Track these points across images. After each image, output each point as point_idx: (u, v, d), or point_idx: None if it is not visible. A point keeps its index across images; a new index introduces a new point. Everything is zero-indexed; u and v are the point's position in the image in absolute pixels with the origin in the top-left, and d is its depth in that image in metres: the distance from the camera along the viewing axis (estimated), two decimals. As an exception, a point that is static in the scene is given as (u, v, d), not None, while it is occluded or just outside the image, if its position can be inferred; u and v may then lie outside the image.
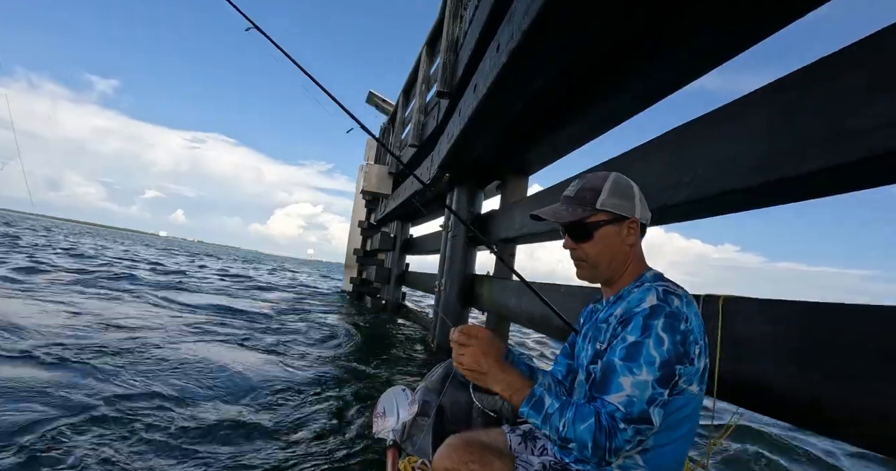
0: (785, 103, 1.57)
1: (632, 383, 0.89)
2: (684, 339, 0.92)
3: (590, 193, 1.08)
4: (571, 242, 1.11)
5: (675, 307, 0.93)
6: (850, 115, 1.33)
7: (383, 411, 1.77)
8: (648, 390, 0.89)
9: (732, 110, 1.81)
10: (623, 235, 1.08)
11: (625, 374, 0.90)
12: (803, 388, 1.37)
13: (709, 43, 2.26)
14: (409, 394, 1.83)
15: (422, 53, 6.37)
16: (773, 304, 1.52)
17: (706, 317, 1.66)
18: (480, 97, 2.91)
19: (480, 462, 1.03)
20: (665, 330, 0.91)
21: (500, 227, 4.43)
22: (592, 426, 0.88)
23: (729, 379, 1.55)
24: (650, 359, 0.89)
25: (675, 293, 0.97)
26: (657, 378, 0.89)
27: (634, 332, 0.93)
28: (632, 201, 1.09)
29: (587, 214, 1.07)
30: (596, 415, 0.89)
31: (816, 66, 1.48)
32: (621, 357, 0.92)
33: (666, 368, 0.89)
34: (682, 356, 0.91)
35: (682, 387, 0.94)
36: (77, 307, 5.42)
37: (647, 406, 0.88)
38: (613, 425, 0.88)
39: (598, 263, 1.09)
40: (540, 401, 0.95)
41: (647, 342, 0.91)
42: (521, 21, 2.19)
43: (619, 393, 0.89)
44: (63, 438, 2.13)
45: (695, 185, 1.93)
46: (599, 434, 0.87)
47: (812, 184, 1.54)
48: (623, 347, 0.93)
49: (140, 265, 13.72)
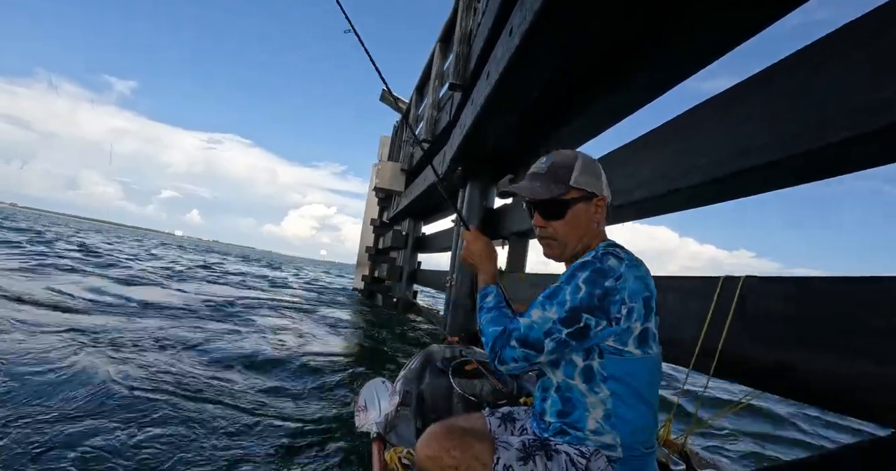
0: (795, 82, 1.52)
1: (539, 315, 1.01)
2: (604, 294, 0.97)
3: (562, 171, 1.12)
4: (542, 220, 1.15)
5: (606, 265, 1.00)
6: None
7: (364, 405, 1.75)
8: (549, 323, 0.99)
9: (740, 91, 1.77)
10: (591, 212, 1.13)
11: (537, 307, 1.02)
12: (825, 369, 1.31)
13: (730, 26, 2.21)
14: (388, 385, 1.81)
15: (435, 50, 6.39)
16: (797, 281, 1.47)
17: (723, 297, 1.62)
18: (493, 84, 2.89)
19: (461, 448, 1.04)
20: (586, 282, 0.98)
21: (514, 220, 4.40)
22: (497, 332, 1.06)
23: (747, 360, 1.50)
24: (562, 301, 0.99)
25: (615, 255, 1.03)
26: (560, 318, 0.98)
27: (562, 278, 1.04)
28: (600, 180, 1.14)
29: (562, 192, 1.11)
30: (504, 327, 1.06)
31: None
32: (544, 295, 1.03)
33: (572, 312, 0.98)
34: (594, 308, 0.97)
35: (612, 346, 1.00)
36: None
37: (543, 337, 1.00)
38: (508, 340, 1.03)
39: (567, 241, 1.13)
40: (485, 295, 1.19)
41: (565, 288, 1.00)
42: (532, 2, 2.16)
43: (527, 319, 1.02)
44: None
45: (708, 168, 1.89)
46: (499, 340, 1.05)
47: (832, 158, 1.49)
48: (549, 289, 1.04)
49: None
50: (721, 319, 1.55)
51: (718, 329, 1.56)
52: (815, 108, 1.44)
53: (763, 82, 1.68)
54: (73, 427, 2.01)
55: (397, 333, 6.10)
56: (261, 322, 5.59)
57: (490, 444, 1.05)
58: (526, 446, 1.04)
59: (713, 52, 2.35)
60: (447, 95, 5.62)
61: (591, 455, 1.00)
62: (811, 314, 1.39)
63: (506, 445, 1.05)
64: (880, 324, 1.20)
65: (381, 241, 11.42)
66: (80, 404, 2.28)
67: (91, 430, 2.00)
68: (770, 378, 1.46)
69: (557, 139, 3.96)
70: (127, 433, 2.02)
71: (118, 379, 2.66)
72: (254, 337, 4.59)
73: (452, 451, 1.03)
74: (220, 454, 1.97)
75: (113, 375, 2.71)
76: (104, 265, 9.77)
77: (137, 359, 3.16)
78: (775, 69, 1.63)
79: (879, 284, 1.23)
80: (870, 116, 1.27)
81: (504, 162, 4.87)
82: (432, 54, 6.59)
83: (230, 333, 4.66)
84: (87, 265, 9.09)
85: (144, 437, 2.02)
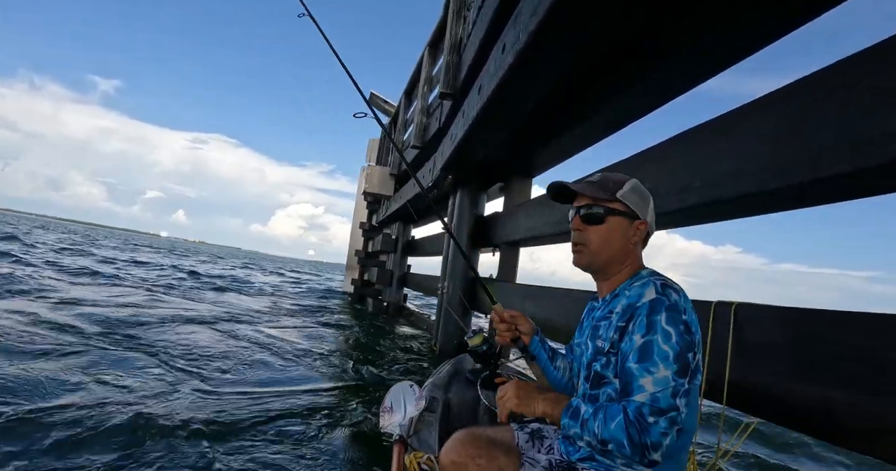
0: (796, 107, 1.54)
1: (653, 382, 0.90)
2: (687, 328, 0.94)
3: (612, 184, 1.11)
4: (580, 223, 1.13)
5: (673, 300, 0.96)
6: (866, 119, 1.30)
7: (390, 406, 1.76)
8: (671, 382, 0.90)
9: (742, 114, 1.79)
10: (630, 233, 1.11)
11: (643, 375, 0.91)
12: (816, 397, 1.34)
13: (719, 45, 2.24)
14: (416, 390, 1.81)
15: (424, 55, 6.36)
16: (785, 311, 1.49)
17: (718, 323, 1.64)
18: (485, 99, 2.88)
19: (487, 457, 1.03)
20: (669, 323, 0.93)
21: (505, 229, 4.40)
22: (623, 422, 0.89)
23: (740, 386, 1.52)
24: (663, 354, 0.91)
25: (673, 287, 1.00)
26: (675, 371, 0.90)
27: (640, 330, 0.95)
28: (647, 206, 1.13)
29: (606, 198, 1.10)
30: (623, 411, 0.90)
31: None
32: (635, 360, 0.93)
33: (680, 359, 0.91)
34: (690, 345, 0.93)
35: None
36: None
37: (673, 399, 0.89)
38: (643, 420, 0.88)
39: (598, 252, 1.10)
40: (577, 410, 0.97)
41: (655, 339, 0.92)
42: (527, 22, 2.16)
43: (642, 393, 0.90)
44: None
45: (703, 190, 1.91)
46: (631, 429, 0.88)
47: (827, 188, 1.52)
48: (635, 351, 0.94)
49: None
50: (722, 347, 1.57)
51: (719, 356, 1.58)
52: (815, 136, 1.46)
53: (763, 107, 1.69)
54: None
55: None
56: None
57: (516, 458, 1.05)
58: (552, 465, 1.03)
59: (711, 66, 2.38)
60: (436, 103, 5.60)
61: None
62: (799, 341, 1.41)
63: (532, 461, 1.04)
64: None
65: (370, 244, 11.37)
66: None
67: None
68: (764, 405, 1.49)
69: (551, 149, 3.98)
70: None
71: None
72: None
73: (478, 459, 1.03)
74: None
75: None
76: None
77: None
78: (776, 94, 1.65)
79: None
80: (869, 148, 1.28)
81: (495, 171, 4.88)
82: (421, 58, 6.56)
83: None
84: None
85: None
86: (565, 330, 2.83)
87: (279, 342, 5.00)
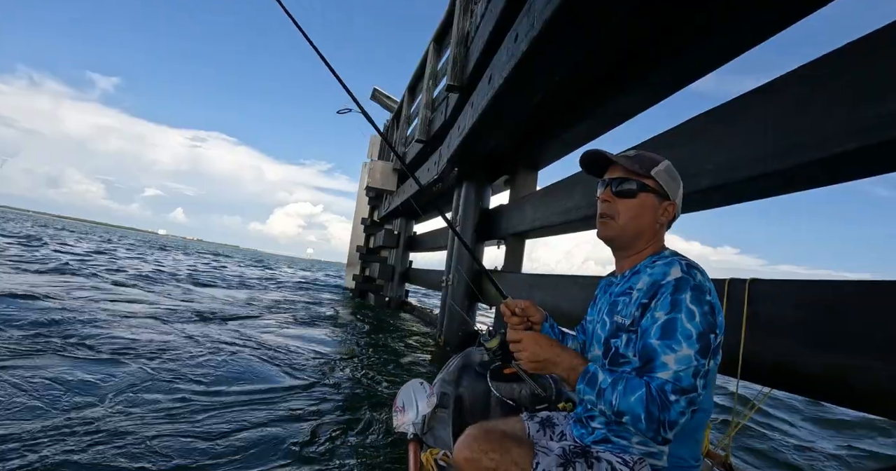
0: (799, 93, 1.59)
1: (675, 360, 0.90)
2: (711, 309, 0.94)
3: (648, 161, 1.10)
4: (610, 195, 1.11)
5: (698, 280, 0.95)
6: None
7: (402, 406, 1.77)
8: (693, 361, 0.89)
9: (748, 100, 1.83)
10: (659, 212, 1.10)
11: (666, 352, 0.91)
12: (831, 365, 1.38)
13: (724, 39, 2.28)
14: (426, 387, 1.83)
15: (429, 50, 6.38)
16: (798, 284, 1.54)
17: (732, 300, 1.68)
18: (496, 88, 2.92)
19: (500, 451, 1.04)
20: (693, 303, 0.93)
21: (511, 220, 4.44)
22: (644, 396, 0.89)
23: (755, 359, 1.56)
24: (686, 333, 0.91)
25: (697, 268, 0.99)
26: (697, 350, 0.90)
27: (663, 308, 0.94)
28: (678, 188, 1.13)
29: (641, 173, 1.08)
30: (647, 386, 0.90)
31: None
32: (657, 337, 0.93)
33: (703, 339, 0.91)
34: (713, 326, 0.93)
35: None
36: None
37: (694, 379, 0.89)
38: (664, 397, 0.88)
39: (625, 227, 1.09)
40: (594, 377, 0.97)
41: (679, 317, 0.92)
42: (542, 10, 2.20)
43: (665, 371, 0.90)
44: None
45: (716, 173, 1.95)
46: (652, 405, 0.88)
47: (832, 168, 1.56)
48: (658, 327, 0.93)
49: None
50: (737, 323, 1.61)
51: (735, 332, 1.61)
52: (818, 121, 1.50)
53: (768, 93, 1.74)
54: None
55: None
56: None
57: (529, 448, 1.05)
58: (566, 452, 1.03)
59: (722, 56, 2.42)
60: (442, 96, 5.63)
61: (635, 464, 0.99)
62: (812, 312, 1.46)
63: (545, 450, 1.04)
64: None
65: (371, 240, 11.38)
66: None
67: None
68: (778, 376, 1.53)
69: (557, 142, 4.02)
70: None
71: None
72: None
73: (491, 453, 1.04)
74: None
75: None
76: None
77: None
78: (779, 82, 1.70)
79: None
80: (870, 132, 1.33)
81: (501, 163, 4.91)
82: (426, 54, 6.58)
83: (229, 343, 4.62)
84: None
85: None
86: (573, 316, 2.87)
87: (282, 340, 5.02)
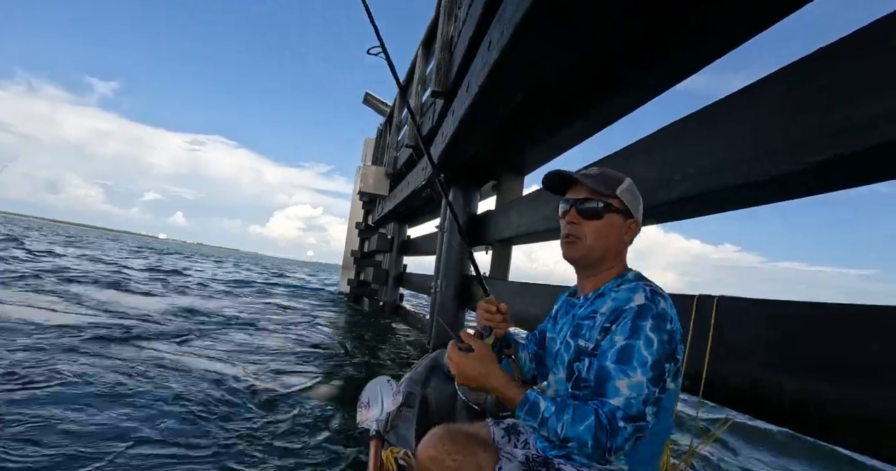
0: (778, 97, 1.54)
1: (628, 385, 0.91)
2: (670, 338, 0.95)
3: (611, 180, 1.11)
4: (576, 217, 1.10)
5: (660, 308, 0.96)
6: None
7: (367, 402, 1.75)
8: (644, 389, 0.91)
9: (727, 105, 1.79)
10: (623, 231, 1.11)
11: (620, 377, 0.92)
12: (796, 390, 1.33)
13: (708, 38, 2.24)
14: (393, 385, 1.80)
15: (417, 54, 6.35)
16: (767, 304, 1.49)
17: (700, 317, 1.63)
18: (473, 96, 2.88)
19: (464, 452, 1.04)
20: (653, 330, 0.94)
21: (498, 226, 4.40)
22: (592, 425, 0.90)
23: (719, 381, 1.51)
24: (643, 360, 0.92)
25: (661, 294, 1.00)
26: (650, 378, 0.91)
27: (623, 332, 0.95)
28: (639, 206, 1.15)
29: (606, 193, 1.09)
30: (595, 414, 0.91)
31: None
32: (613, 361, 0.94)
33: (657, 368, 0.92)
34: (669, 355, 0.94)
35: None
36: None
37: (644, 406, 0.91)
38: (614, 424, 0.89)
39: (592, 248, 1.10)
40: (534, 406, 0.97)
41: (637, 344, 0.93)
42: (512, 16, 2.16)
43: (616, 397, 0.91)
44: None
45: (692, 181, 1.90)
46: (600, 432, 0.89)
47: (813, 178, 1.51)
48: (615, 351, 0.94)
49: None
50: (702, 342, 1.56)
51: (699, 350, 1.57)
52: (798, 126, 1.45)
53: (750, 96, 1.69)
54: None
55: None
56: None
57: (493, 453, 1.05)
58: (529, 460, 1.03)
59: (706, 59, 2.39)
60: (429, 102, 5.60)
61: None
62: (785, 337, 1.41)
63: (509, 456, 1.04)
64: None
65: (366, 244, 11.36)
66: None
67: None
68: (744, 399, 1.48)
69: (542, 146, 3.97)
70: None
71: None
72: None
73: (454, 454, 1.03)
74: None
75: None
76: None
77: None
78: (761, 84, 1.64)
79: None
80: (851, 136, 1.28)
81: (487, 169, 4.87)
82: (415, 58, 6.56)
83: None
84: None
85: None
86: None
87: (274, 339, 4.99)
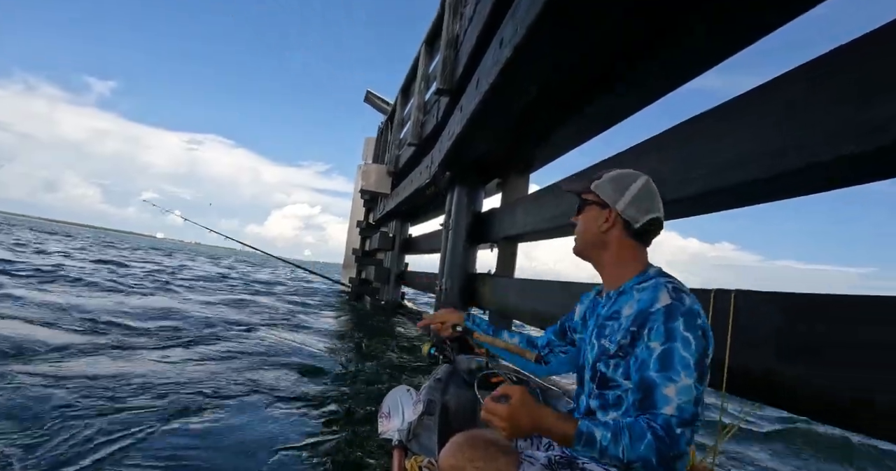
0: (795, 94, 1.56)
1: (676, 391, 0.90)
2: (703, 334, 0.95)
3: (594, 177, 1.20)
4: (576, 215, 1.23)
5: (688, 305, 0.97)
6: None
7: (388, 412, 1.76)
8: (693, 391, 0.91)
9: (743, 102, 1.80)
10: (600, 222, 1.13)
11: (666, 384, 0.91)
12: (814, 380, 1.36)
13: (712, 40, 2.25)
14: (413, 394, 1.81)
15: (420, 52, 6.35)
16: (783, 297, 1.51)
17: (717, 312, 1.65)
18: (483, 93, 2.89)
19: (485, 459, 1.04)
20: (687, 329, 0.94)
21: (503, 224, 4.41)
22: (652, 442, 0.88)
23: (740, 372, 1.53)
24: (685, 362, 0.92)
25: (684, 290, 1.01)
26: (696, 378, 0.92)
27: (658, 337, 0.95)
28: (620, 194, 1.12)
29: (581, 189, 1.21)
30: (651, 430, 0.89)
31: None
32: (656, 369, 0.93)
33: (700, 366, 0.93)
34: (706, 351, 0.95)
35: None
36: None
37: (696, 407, 0.91)
38: (672, 434, 0.89)
39: (582, 240, 1.20)
40: (590, 437, 0.92)
41: (675, 347, 0.93)
42: (524, 16, 2.17)
43: (667, 405, 0.90)
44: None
45: (707, 178, 1.91)
46: (661, 445, 0.87)
47: (830, 173, 1.53)
48: (655, 359, 0.94)
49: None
50: (722, 335, 1.58)
51: (719, 345, 1.59)
52: (818, 122, 1.46)
53: (768, 93, 1.69)
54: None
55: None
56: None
57: (515, 457, 1.05)
58: (552, 462, 1.03)
59: (713, 57, 2.38)
60: (433, 99, 5.60)
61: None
62: (801, 329, 1.43)
63: (531, 459, 1.04)
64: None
65: (367, 242, 11.35)
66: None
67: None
68: (762, 390, 1.51)
69: (548, 145, 3.99)
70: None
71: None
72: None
73: (476, 461, 1.03)
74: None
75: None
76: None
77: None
78: (779, 81, 1.65)
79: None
80: (871, 134, 1.30)
81: (493, 167, 4.88)
82: (418, 56, 6.56)
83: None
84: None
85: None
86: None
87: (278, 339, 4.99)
